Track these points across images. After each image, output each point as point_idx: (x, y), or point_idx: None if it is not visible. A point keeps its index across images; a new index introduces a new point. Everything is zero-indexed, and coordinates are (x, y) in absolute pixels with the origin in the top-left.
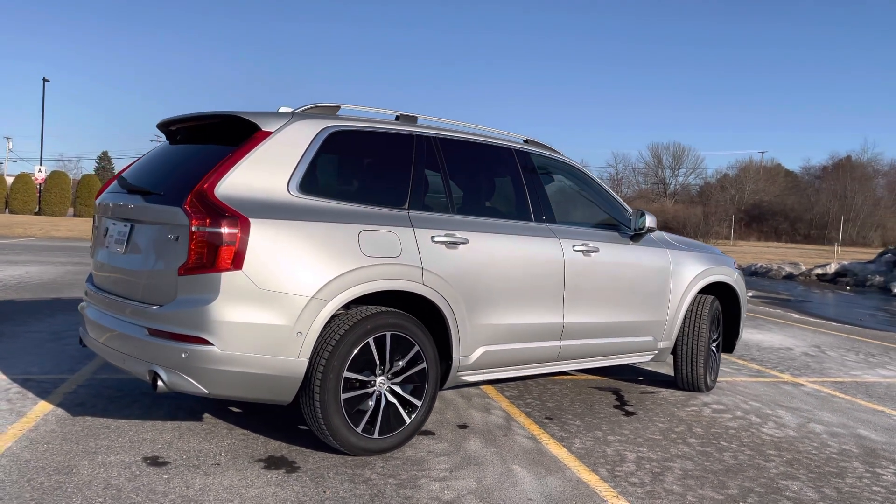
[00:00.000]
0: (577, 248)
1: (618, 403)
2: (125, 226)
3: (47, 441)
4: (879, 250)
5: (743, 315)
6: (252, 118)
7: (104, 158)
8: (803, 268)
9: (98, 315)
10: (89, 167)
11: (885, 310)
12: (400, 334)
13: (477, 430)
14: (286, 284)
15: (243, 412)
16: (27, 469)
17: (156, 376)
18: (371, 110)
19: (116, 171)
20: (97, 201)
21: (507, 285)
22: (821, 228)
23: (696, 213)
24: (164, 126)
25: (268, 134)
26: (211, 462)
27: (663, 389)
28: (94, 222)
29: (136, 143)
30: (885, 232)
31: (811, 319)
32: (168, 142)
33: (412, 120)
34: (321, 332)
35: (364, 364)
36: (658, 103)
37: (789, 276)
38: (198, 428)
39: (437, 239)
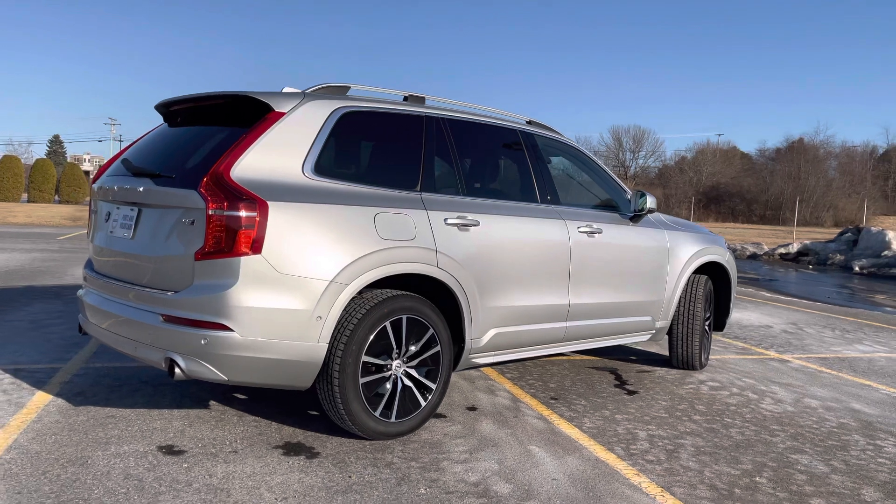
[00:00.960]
0: (581, 229)
1: (618, 383)
2: (131, 210)
3: (54, 432)
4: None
5: (733, 294)
6: (264, 98)
7: (55, 142)
8: (766, 248)
9: (102, 301)
10: (40, 151)
11: (849, 287)
12: (415, 317)
13: (486, 411)
14: (305, 268)
15: (250, 398)
16: (40, 461)
17: (173, 364)
18: (379, 90)
19: (69, 155)
20: (95, 185)
21: (517, 267)
22: (776, 209)
23: (656, 195)
24: (164, 107)
25: (281, 114)
26: (228, 450)
27: (658, 368)
28: (90, 207)
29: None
30: (837, 212)
31: (782, 297)
32: (166, 124)
33: (420, 101)
34: (340, 317)
35: (381, 348)
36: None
37: (753, 256)
38: (207, 416)
39: (449, 221)
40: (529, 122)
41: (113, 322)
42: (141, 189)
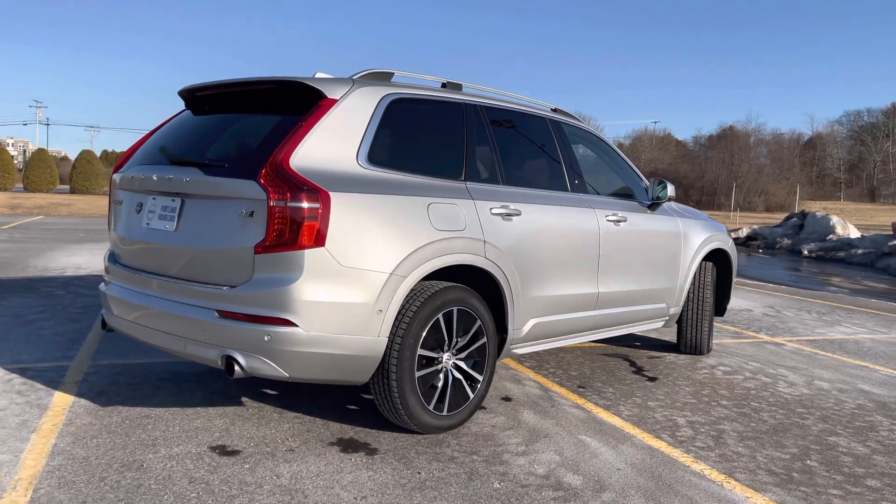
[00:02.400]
0: (609, 217)
1: (635, 370)
2: (173, 201)
3: (92, 435)
4: (765, 214)
5: (733, 280)
6: (316, 84)
7: None
8: None
9: (136, 296)
10: None
11: (802, 269)
12: (465, 309)
13: (522, 402)
14: (366, 261)
15: (280, 393)
16: (92, 467)
17: (231, 361)
18: (419, 77)
19: None
20: (118, 174)
21: (555, 257)
22: (711, 195)
23: None
24: (190, 93)
25: (334, 101)
26: (284, 448)
27: (667, 354)
28: (112, 197)
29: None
30: (768, 197)
31: (748, 281)
32: (190, 111)
33: (458, 87)
34: (399, 310)
35: (433, 341)
36: (561, 72)
37: None
38: (245, 413)
39: (494, 211)
40: (554, 110)
41: (151, 318)
42: (187, 179)
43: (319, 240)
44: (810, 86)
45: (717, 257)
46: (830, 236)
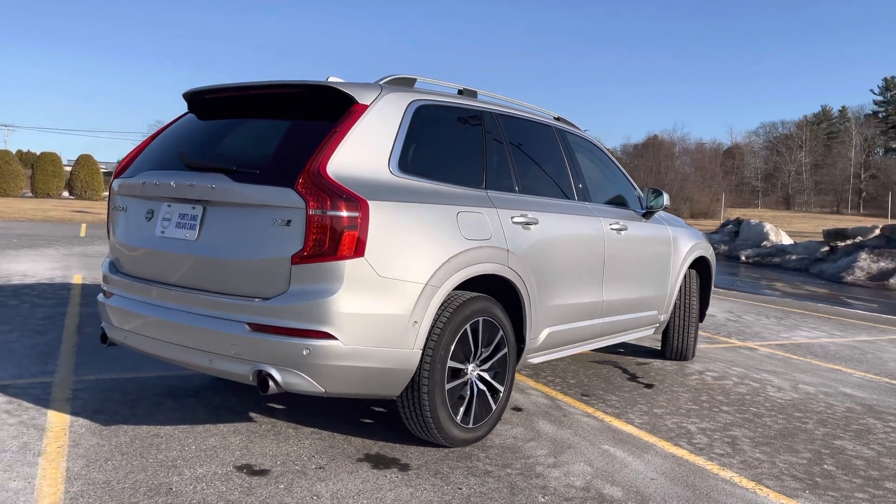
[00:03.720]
0: (612, 226)
1: (629, 376)
2: (193, 208)
3: (105, 458)
4: (691, 221)
5: (712, 288)
6: (347, 89)
7: None
8: None
9: (148, 308)
10: None
11: (743, 275)
12: (489, 319)
13: (533, 412)
14: (402, 271)
15: (288, 408)
16: (116, 492)
17: (266, 376)
18: (437, 83)
19: None
20: (120, 181)
21: (567, 266)
22: None
23: None
24: (198, 95)
25: (365, 107)
26: (313, 466)
27: (652, 360)
28: (112, 204)
29: None
30: (693, 204)
31: None
32: (195, 114)
33: (473, 94)
34: (432, 321)
35: (461, 352)
36: (496, 82)
37: None
38: (259, 429)
39: (515, 220)
40: (557, 119)
41: (167, 331)
42: (212, 186)
43: (359, 250)
44: (729, 97)
45: (698, 265)
46: (765, 242)
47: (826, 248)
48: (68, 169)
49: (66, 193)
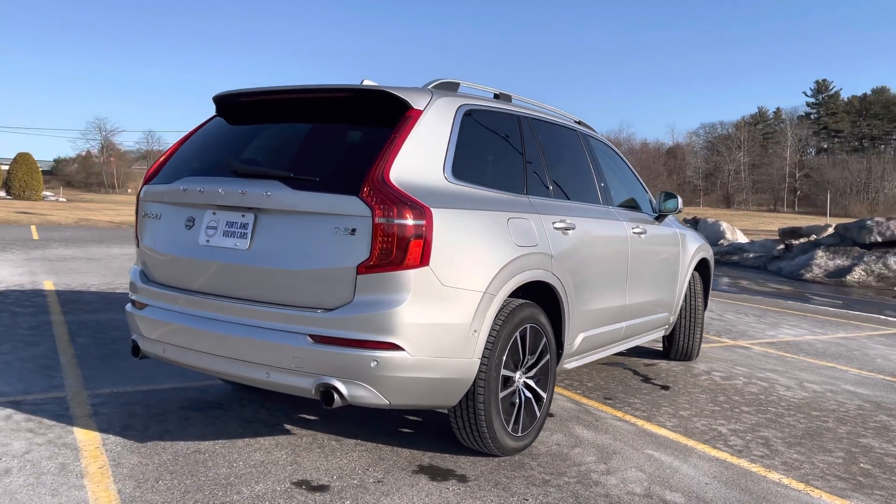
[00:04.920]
0: (634, 230)
1: (642, 378)
2: (243, 216)
3: (155, 477)
4: None
5: (710, 288)
6: (401, 94)
7: None
8: None
9: (192, 320)
10: None
11: None
12: (535, 326)
13: (565, 417)
14: (463, 279)
15: (320, 418)
16: None
17: (330, 390)
18: (473, 86)
19: None
20: (153, 188)
21: (599, 270)
22: None
23: None
24: (232, 98)
25: (419, 112)
26: (371, 480)
27: (658, 361)
28: (142, 211)
29: None
30: None
31: None
32: (225, 118)
33: (508, 98)
34: (489, 330)
35: (511, 360)
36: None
37: None
38: (301, 442)
39: (557, 225)
40: (578, 122)
41: (215, 343)
42: (267, 193)
43: (425, 259)
44: (671, 98)
45: (700, 267)
46: (721, 241)
47: (782, 247)
48: (5, 168)
49: (2, 193)
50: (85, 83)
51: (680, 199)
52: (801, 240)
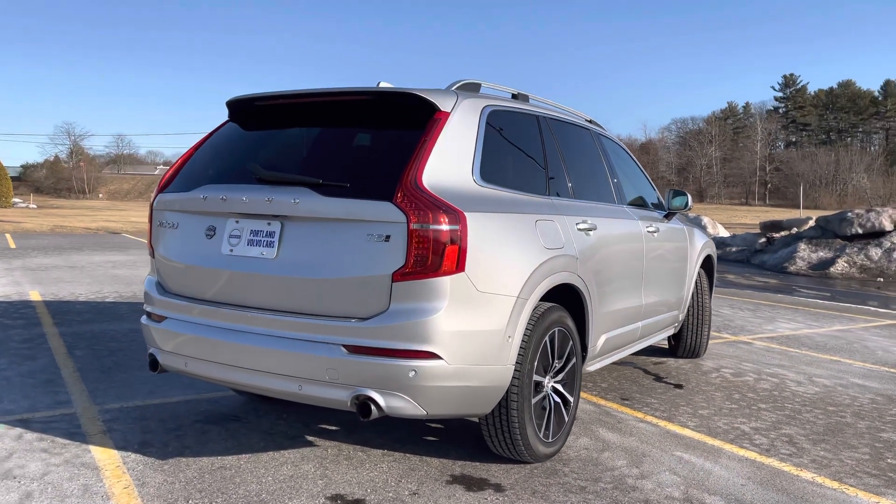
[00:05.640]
0: (648, 228)
1: (654, 377)
2: (269, 224)
3: (184, 497)
4: None
5: (714, 285)
6: (428, 96)
7: None
8: None
9: (216, 332)
10: None
11: None
12: (563, 330)
13: (586, 419)
14: (496, 285)
15: (340, 428)
16: None
17: (367, 401)
18: (492, 86)
19: None
20: (168, 196)
21: (618, 270)
22: None
23: None
24: (247, 103)
25: (447, 114)
26: (406, 492)
27: (666, 359)
28: (157, 220)
29: None
30: None
31: None
32: (239, 124)
33: (526, 98)
34: (523, 335)
35: (541, 365)
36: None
37: None
38: (326, 454)
39: (579, 226)
40: (590, 122)
41: (243, 356)
42: (295, 201)
43: (461, 265)
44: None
45: (705, 264)
46: None
47: (763, 240)
48: None
49: None
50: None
51: (689, 197)
52: (783, 233)
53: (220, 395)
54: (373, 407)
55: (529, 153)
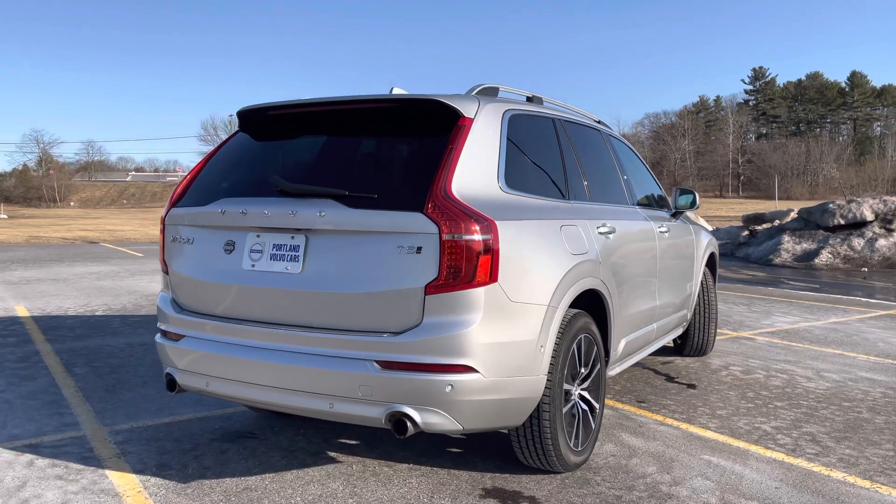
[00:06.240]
0: (660, 229)
1: (665, 377)
2: (293, 238)
3: None
4: None
5: (716, 282)
6: (451, 102)
7: None
8: None
9: (239, 350)
10: None
11: None
12: (589, 336)
13: (607, 424)
14: (528, 294)
15: (360, 443)
16: None
17: (403, 418)
18: (508, 89)
19: None
20: (186, 211)
21: (636, 272)
22: None
23: None
24: (259, 113)
25: (470, 121)
26: None
27: (671, 358)
28: (170, 236)
29: None
30: None
31: None
32: (250, 134)
33: (540, 101)
34: (554, 343)
35: (569, 373)
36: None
37: None
38: (352, 470)
39: (600, 230)
40: (598, 122)
41: (270, 374)
42: (321, 213)
43: (493, 275)
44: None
45: (708, 262)
46: None
47: (746, 233)
48: None
49: None
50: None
51: (697, 196)
52: (765, 225)
53: (233, 412)
54: (408, 423)
55: (549, 157)
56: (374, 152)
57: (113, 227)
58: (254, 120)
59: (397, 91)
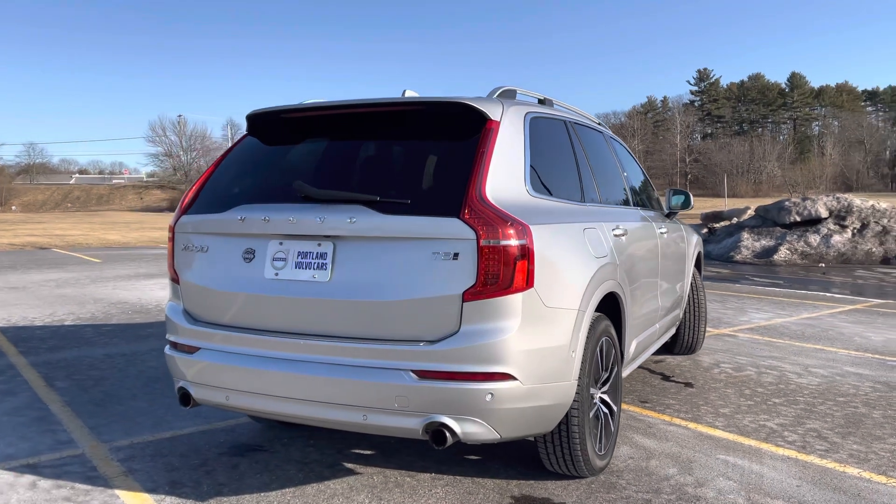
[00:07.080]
0: (660, 230)
1: (661, 376)
2: (319, 245)
3: None
4: None
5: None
6: (478, 104)
7: None
8: None
9: (264, 362)
10: None
11: None
12: (608, 339)
13: None
14: (560, 298)
15: (376, 452)
16: None
17: (442, 428)
18: (526, 92)
19: None
20: (199, 218)
21: (643, 273)
22: None
23: None
24: (274, 115)
25: (497, 124)
26: None
27: (661, 357)
28: (182, 244)
29: None
30: None
31: None
32: (260, 138)
33: (550, 103)
34: (582, 349)
35: (593, 377)
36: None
37: None
38: (373, 482)
39: (615, 232)
40: (599, 124)
41: (295, 387)
42: (351, 220)
43: (530, 280)
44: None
45: (696, 261)
46: None
47: (706, 231)
48: None
49: None
50: None
51: (691, 196)
52: (724, 223)
53: (235, 424)
54: (447, 434)
55: (563, 159)
56: (400, 156)
57: (61, 231)
58: (265, 124)
59: (409, 93)
